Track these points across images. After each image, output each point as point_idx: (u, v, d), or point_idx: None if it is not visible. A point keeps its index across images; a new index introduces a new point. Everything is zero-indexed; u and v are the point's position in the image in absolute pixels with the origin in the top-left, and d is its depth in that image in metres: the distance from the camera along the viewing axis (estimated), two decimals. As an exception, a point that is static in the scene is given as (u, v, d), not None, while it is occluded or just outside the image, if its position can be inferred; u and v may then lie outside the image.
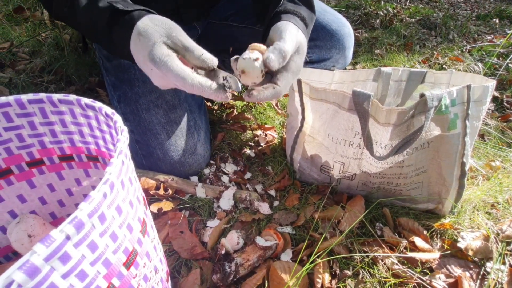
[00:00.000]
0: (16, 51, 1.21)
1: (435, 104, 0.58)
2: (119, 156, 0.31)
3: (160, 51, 0.45)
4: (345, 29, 0.91)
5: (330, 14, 0.91)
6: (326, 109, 0.69)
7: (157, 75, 0.47)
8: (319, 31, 0.88)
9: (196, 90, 0.45)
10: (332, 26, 0.89)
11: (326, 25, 0.88)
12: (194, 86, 0.44)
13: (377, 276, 0.60)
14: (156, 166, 0.80)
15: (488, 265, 0.61)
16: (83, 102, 0.42)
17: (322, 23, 0.88)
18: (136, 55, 0.49)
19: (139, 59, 0.49)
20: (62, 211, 0.58)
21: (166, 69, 0.44)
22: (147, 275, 0.39)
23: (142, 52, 0.46)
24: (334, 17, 0.91)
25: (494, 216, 0.73)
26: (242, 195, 0.76)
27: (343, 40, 0.90)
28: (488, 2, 3.11)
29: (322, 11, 0.91)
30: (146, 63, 0.46)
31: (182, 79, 0.44)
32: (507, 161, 0.90)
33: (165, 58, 0.44)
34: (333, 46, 0.90)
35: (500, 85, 1.41)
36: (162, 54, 0.44)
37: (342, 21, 0.92)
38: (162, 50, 0.45)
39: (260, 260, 0.61)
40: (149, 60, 0.45)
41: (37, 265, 0.22)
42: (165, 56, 0.45)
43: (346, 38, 0.91)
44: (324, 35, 0.88)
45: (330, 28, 0.88)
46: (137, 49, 0.47)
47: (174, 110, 0.78)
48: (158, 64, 0.44)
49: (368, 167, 0.72)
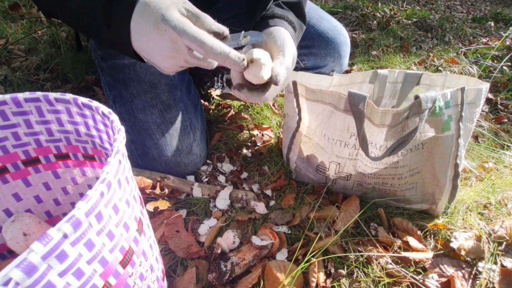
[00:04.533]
0: (11, 49, 1.20)
1: (429, 106, 0.58)
2: (116, 155, 0.31)
3: (176, 14, 0.43)
4: (341, 38, 0.91)
5: (327, 22, 0.91)
6: (322, 110, 0.69)
7: (168, 43, 0.44)
8: (315, 39, 0.88)
9: (215, 52, 0.43)
10: (328, 34, 0.89)
11: (322, 33, 0.88)
12: (213, 48, 0.42)
13: (371, 275, 0.61)
14: (151, 166, 0.80)
15: (480, 265, 0.62)
16: (79, 101, 0.43)
17: (318, 31, 0.88)
18: (142, 25, 0.45)
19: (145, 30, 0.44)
20: (57, 210, 0.58)
21: (183, 32, 0.42)
22: (143, 274, 0.39)
23: (152, 17, 0.43)
24: (331, 24, 0.91)
25: (487, 216, 0.74)
26: (238, 194, 0.76)
27: (338, 49, 0.91)
28: (484, 4, 3.15)
29: (319, 18, 0.91)
30: (158, 27, 0.43)
31: (200, 41, 0.42)
32: (500, 163, 0.91)
33: (182, 20, 0.42)
34: (328, 54, 0.90)
35: (495, 87, 1.43)
36: (177, 17, 0.43)
37: (339, 29, 0.92)
38: (177, 14, 0.43)
39: (255, 259, 0.62)
40: (162, 23, 0.42)
41: (34, 263, 0.22)
42: (181, 18, 0.43)
43: (342, 46, 0.92)
44: (319, 43, 0.89)
45: (326, 36, 0.88)
46: (145, 17, 0.44)
47: (170, 110, 0.78)
48: (175, 27, 0.42)
49: (363, 168, 0.72)
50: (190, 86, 0.87)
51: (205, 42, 0.42)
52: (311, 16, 0.89)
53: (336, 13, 2.26)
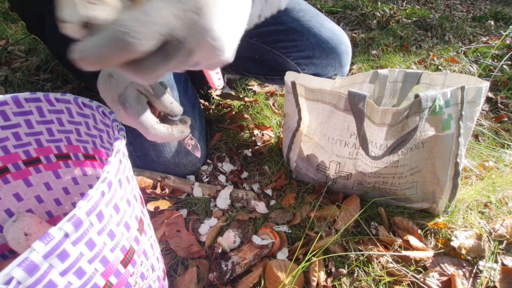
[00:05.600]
0: (11, 49, 1.21)
1: (429, 105, 0.58)
2: (116, 155, 0.31)
3: (132, 95, 0.44)
4: (342, 47, 0.89)
5: (327, 30, 0.89)
6: (322, 110, 0.70)
7: (123, 115, 0.47)
8: (316, 49, 0.87)
9: (159, 139, 0.46)
10: (329, 44, 0.87)
11: (323, 43, 0.87)
12: (156, 136, 0.46)
13: (372, 274, 0.61)
14: (151, 167, 0.80)
15: (480, 264, 0.62)
16: (80, 101, 0.43)
17: (319, 41, 0.87)
18: (104, 93, 0.48)
19: (106, 99, 0.48)
20: (58, 210, 0.58)
21: (133, 115, 0.45)
22: (144, 273, 0.39)
23: (111, 93, 0.46)
24: (332, 33, 0.89)
25: (487, 215, 0.74)
26: (239, 194, 0.76)
27: (339, 58, 0.89)
28: (483, 3, 3.14)
29: (320, 27, 0.88)
30: (115, 103, 0.46)
31: (145, 129, 0.45)
32: (501, 161, 0.91)
33: (135, 104, 0.44)
34: (329, 64, 0.89)
35: (495, 86, 1.43)
36: (133, 98, 0.44)
37: (340, 37, 0.90)
38: (133, 94, 0.45)
39: (256, 258, 0.62)
40: (119, 102, 0.45)
41: (36, 262, 0.22)
42: (135, 101, 0.45)
43: (343, 56, 0.90)
44: (320, 54, 0.87)
45: (326, 47, 0.87)
46: (106, 89, 0.47)
47: None
48: (127, 109, 0.44)
49: (364, 167, 0.72)
50: (187, 86, 0.87)
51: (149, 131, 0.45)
52: (312, 25, 0.87)
53: (335, 13, 2.26)
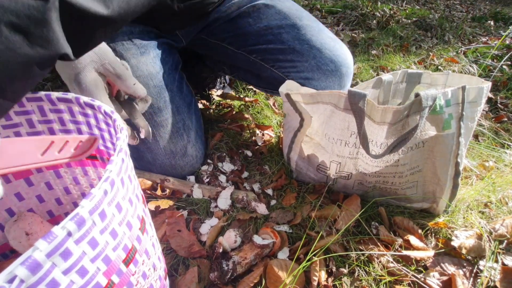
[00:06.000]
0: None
1: (429, 103, 0.58)
2: (119, 154, 0.31)
3: (89, 77, 0.44)
4: (343, 69, 0.83)
5: (328, 51, 0.82)
6: (323, 110, 0.70)
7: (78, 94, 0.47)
8: (315, 71, 0.82)
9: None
10: (329, 67, 0.81)
11: (323, 65, 0.81)
12: None
13: (373, 274, 0.61)
14: (148, 169, 0.80)
15: (481, 263, 0.62)
16: (81, 101, 0.43)
17: (318, 63, 0.81)
18: (61, 71, 0.47)
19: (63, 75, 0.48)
20: (59, 209, 0.58)
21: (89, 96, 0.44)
22: (146, 273, 0.39)
23: (68, 72, 0.46)
24: (332, 54, 0.82)
25: (487, 215, 0.74)
26: (239, 195, 0.76)
27: (339, 81, 0.84)
28: (483, 4, 3.15)
29: (320, 47, 0.82)
30: (71, 82, 0.46)
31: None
32: (501, 161, 0.91)
33: (92, 87, 0.45)
34: (328, 87, 0.83)
35: (494, 86, 1.43)
36: (90, 80, 0.45)
37: (341, 59, 0.83)
38: (91, 76, 0.45)
39: (257, 258, 0.62)
40: (75, 83, 0.45)
41: (39, 260, 0.22)
42: (92, 83, 0.45)
43: (343, 78, 0.84)
44: (319, 76, 0.82)
45: (326, 69, 0.81)
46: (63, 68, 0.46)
47: (160, 113, 0.75)
48: (83, 90, 0.45)
49: (364, 166, 0.73)
50: (182, 84, 0.84)
51: None
52: (313, 45, 0.81)
53: (335, 13, 2.26)
